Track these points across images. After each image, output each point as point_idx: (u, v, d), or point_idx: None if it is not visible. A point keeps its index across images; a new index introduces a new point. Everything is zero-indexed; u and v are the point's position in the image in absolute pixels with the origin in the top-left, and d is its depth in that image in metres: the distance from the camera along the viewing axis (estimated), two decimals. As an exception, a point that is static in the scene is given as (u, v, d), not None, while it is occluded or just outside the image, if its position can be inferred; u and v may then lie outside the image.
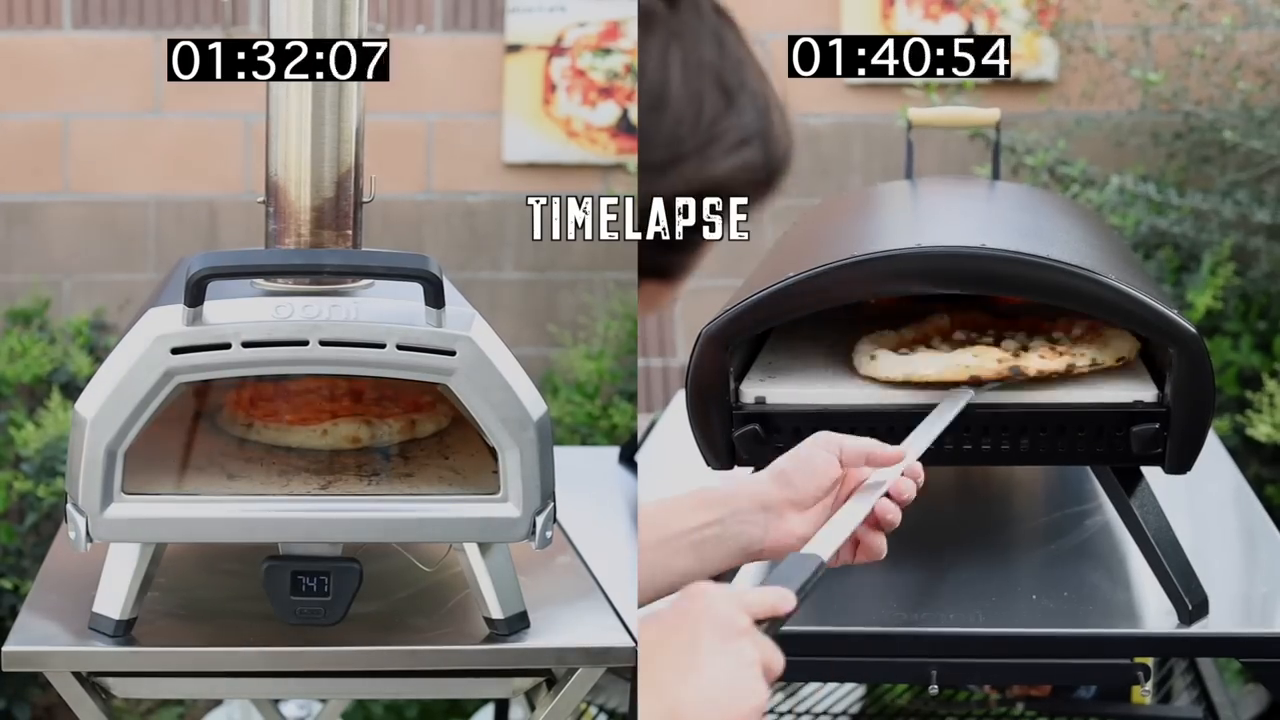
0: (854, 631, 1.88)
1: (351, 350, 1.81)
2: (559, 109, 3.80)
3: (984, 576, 2.00)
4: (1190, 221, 3.40)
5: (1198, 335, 1.80)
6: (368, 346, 1.81)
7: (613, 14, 3.79)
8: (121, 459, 1.79)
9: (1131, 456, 1.84)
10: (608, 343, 3.74)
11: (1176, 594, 1.86)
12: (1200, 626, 1.86)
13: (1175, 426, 1.82)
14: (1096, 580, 1.98)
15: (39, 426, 3.45)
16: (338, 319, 1.81)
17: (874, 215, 2.30)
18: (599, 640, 1.92)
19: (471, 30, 3.80)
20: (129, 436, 1.79)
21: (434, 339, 1.82)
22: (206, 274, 1.80)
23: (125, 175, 3.75)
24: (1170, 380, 1.82)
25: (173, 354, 1.79)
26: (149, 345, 1.79)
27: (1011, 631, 1.86)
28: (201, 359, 1.80)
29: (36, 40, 3.71)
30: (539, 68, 3.80)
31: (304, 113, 1.92)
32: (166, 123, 3.74)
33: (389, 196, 3.50)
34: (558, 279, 3.89)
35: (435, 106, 3.81)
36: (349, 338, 1.81)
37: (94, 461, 1.78)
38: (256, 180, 1.92)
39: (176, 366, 1.79)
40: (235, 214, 3.76)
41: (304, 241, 1.95)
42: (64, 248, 3.76)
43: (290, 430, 2.00)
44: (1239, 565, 2.14)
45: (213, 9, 3.68)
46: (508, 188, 3.83)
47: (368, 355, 1.82)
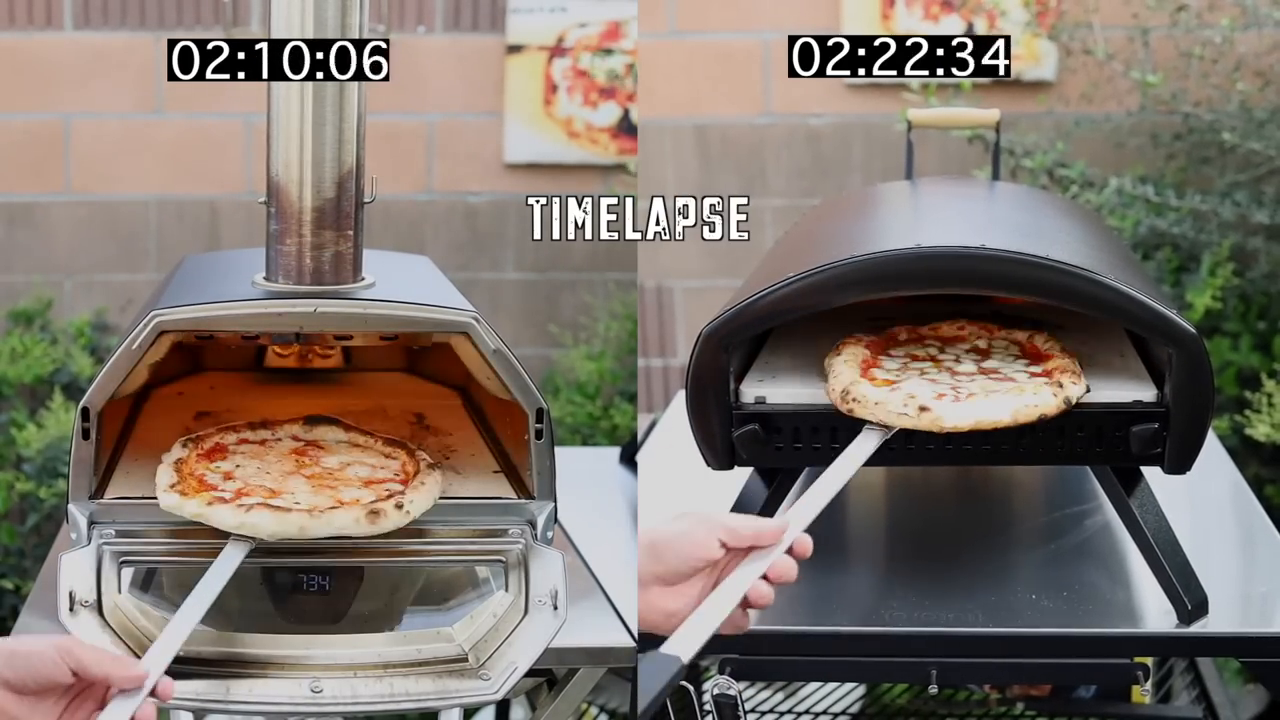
0: (854, 631, 1.88)
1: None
2: (560, 109, 3.81)
3: (984, 576, 2.00)
4: (1189, 222, 3.40)
5: (1197, 335, 1.80)
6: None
7: (614, 14, 3.80)
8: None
9: (1131, 456, 1.84)
10: (608, 343, 3.75)
11: (1176, 594, 1.86)
12: (1199, 626, 1.86)
13: (1175, 426, 1.82)
14: (1096, 580, 1.98)
15: (40, 427, 3.45)
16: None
17: (874, 215, 2.30)
18: (599, 640, 1.92)
19: (472, 31, 3.81)
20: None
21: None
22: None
23: (126, 175, 3.75)
24: (1169, 380, 1.82)
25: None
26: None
27: (1011, 631, 1.86)
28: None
29: (37, 41, 3.71)
30: (540, 68, 3.80)
31: (305, 113, 1.92)
32: (167, 123, 3.75)
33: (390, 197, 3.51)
34: (558, 279, 3.89)
35: (436, 107, 3.81)
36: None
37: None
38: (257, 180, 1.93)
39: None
40: (236, 214, 3.77)
41: (305, 242, 1.95)
42: (65, 248, 3.76)
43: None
44: (1238, 565, 2.14)
45: (214, 9, 3.68)
46: (508, 188, 3.84)
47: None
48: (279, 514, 1.79)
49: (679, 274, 3.94)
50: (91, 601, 1.82)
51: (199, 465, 1.94)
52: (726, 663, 1.87)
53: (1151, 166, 3.63)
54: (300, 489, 1.90)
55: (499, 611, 1.87)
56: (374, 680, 1.81)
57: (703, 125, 3.88)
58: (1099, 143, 3.66)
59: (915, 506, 2.30)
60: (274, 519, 1.79)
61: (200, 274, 2.21)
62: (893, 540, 2.25)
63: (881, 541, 2.25)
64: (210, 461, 1.96)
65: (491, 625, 1.87)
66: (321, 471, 1.97)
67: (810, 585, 1.95)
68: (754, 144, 3.89)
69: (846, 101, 3.83)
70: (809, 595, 1.94)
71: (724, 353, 1.86)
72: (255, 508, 1.79)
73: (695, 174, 3.89)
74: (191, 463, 1.94)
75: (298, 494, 1.89)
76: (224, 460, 1.98)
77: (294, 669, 1.83)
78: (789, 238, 2.31)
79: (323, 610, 1.87)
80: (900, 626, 1.87)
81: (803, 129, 3.87)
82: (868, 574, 2.08)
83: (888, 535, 2.27)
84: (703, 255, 3.92)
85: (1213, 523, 2.26)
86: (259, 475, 1.94)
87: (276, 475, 1.94)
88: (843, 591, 1.97)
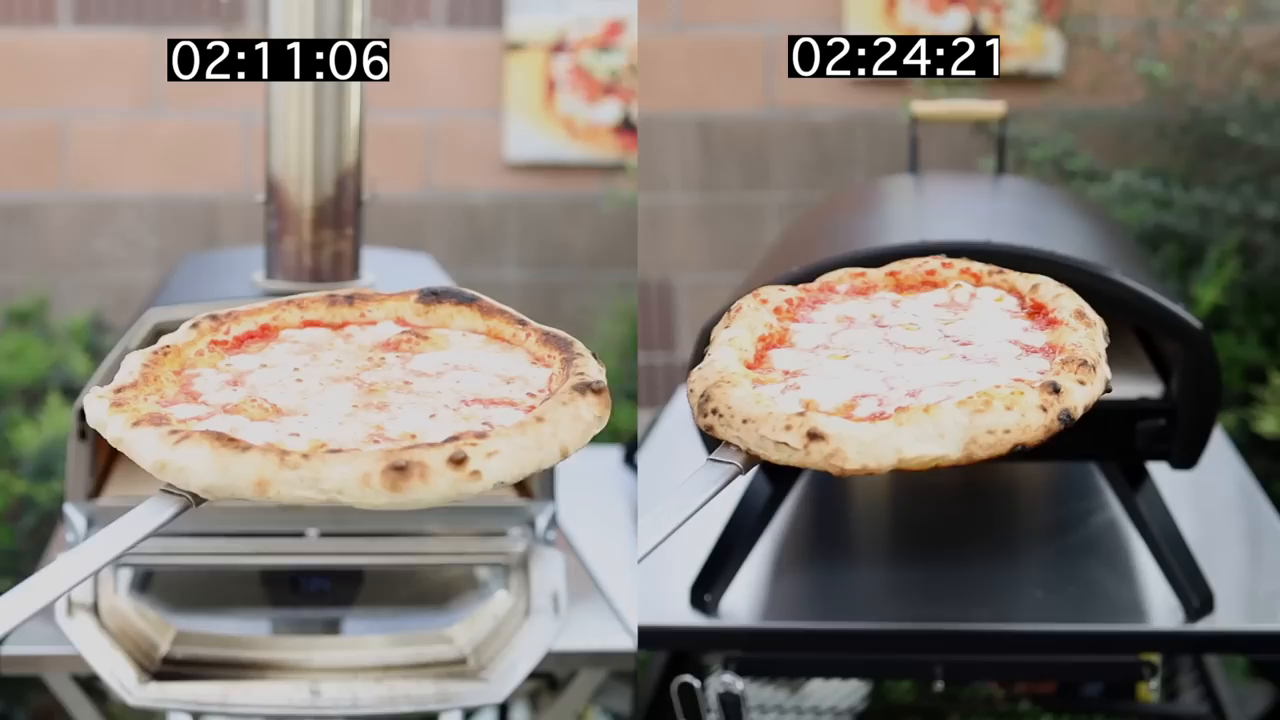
0: (859, 628, 1.87)
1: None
2: (560, 108, 3.79)
3: (989, 573, 1.99)
4: (1196, 216, 3.38)
5: (1203, 330, 1.78)
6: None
7: (614, 12, 3.78)
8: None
9: (1137, 452, 1.83)
10: (609, 343, 3.73)
11: (1182, 590, 1.85)
12: (1206, 623, 1.85)
13: (1181, 422, 1.81)
14: (1102, 577, 1.97)
15: (37, 427, 3.44)
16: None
17: (877, 210, 2.29)
18: (600, 643, 1.91)
19: (472, 27, 3.79)
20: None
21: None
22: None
23: (124, 173, 3.74)
24: (1176, 375, 1.81)
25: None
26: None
27: (1017, 628, 1.86)
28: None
29: (34, 37, 3.69)
30: (540, 66, 3.78)
31: (304, 111, 1.91)
32: (165, 121, 3.73)
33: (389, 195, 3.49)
34: (559, 279, 3.87)
35: (436, 104, 3.79)
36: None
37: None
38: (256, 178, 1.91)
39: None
40: (234, 213, 3.75)
41: (304, 241, 1.94)
42: (62, 247, 3.75)
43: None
44: (1245, 561, 2.13)
45: (211, 4, 3.67)
46: (509, 187, 3.82)
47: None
48: (227, 452, 1.09)
49: (682, 268, 3.92)
50: (89, 604, 1.81)
51: (200, 359, 1.28)
52: (731, 659, 1.86)
53: (1158, 159, 3.61)
54: (333, 413, 1.19)
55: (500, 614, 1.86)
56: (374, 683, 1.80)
57: (706, 119, 3.87)
58: (1105, 135, 3.64)
59: (920, 502, 2.29)
60: (215, 461, 1.09)
61: (199, 273, 2.20)
62: (898, 536, 2.23)
63: (886, 538, 2.24)
64: (226, 352, 1.30)
65: (492, 628, 1.85)
66: (397, 380, 1.24)
67: (815, 582, 1.94)
68: (757, 138, 3.87)
69: (850, 95, 3.82)
70: (814, 592, 1.93)
71: (725, 349, 1.84)
72: (193, 437, 1.10)
73: (698, 168, 3.88)
74: (187, 352, 1.28)
75: (318, 422, 1.17)
76: (250, 352, 1.30)
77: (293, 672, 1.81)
78: (792, 232, 2.30)
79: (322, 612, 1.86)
80: (906, 623, 1.87)
81: (806, 123, 3.85)
82: (873, 570, 2.07)
83: (892, 531, 2.25)
84: (706, 250, 3.90)
85: (1219, 519, 2.24)
86: (286, 383, 1.24)
87: (316, 383, 1.23)
88: (848, 588, 1.96)
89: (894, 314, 1.35)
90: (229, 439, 1.09)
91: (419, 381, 1.23)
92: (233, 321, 1.30)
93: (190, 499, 1.10)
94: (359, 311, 1.33)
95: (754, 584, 1.96)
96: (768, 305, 1.35)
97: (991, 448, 1.15)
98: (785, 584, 1.97)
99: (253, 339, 1.30)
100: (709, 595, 1.88)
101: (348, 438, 1.13)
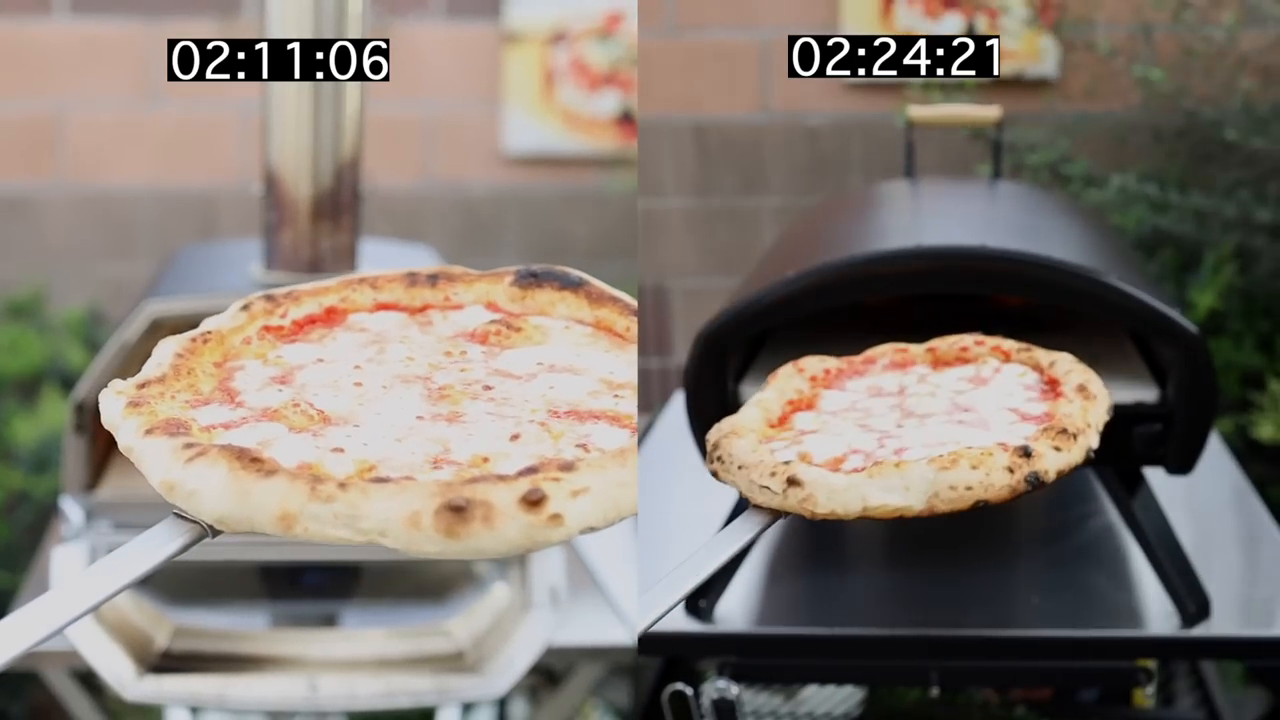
0: (854, 634, 1.87)
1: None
2: (559, 99, 3.78)
3: (985, 579, 1.99)
4: (1192, 221, 3.39)
5: (1200, 335, 1.78)
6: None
7: (613, 3, 3.78)
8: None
9: (1133, 457, 1.83)
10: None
11: (1178, 596, 1.85)
12: (1202, 629, 1.85)
13: (1177, 427, 1.81)
14: (1098, 582, 1.97)
15: (33, 420, 3.43)
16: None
17: (873, 215, 2.28)
18: (598, 637, 1.91)
19: (470, 18, 3.78)
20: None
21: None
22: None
23: (120, 165, 3.73)
24: (1172, 381, 1.81)
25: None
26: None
27: (1013, 634, 1.85)
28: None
29: (30, 27, 3.68)
30: (539, 57, 3.78)
31: (302, 103, 1.91)
32: (162, 113, 3.72)
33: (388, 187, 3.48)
34: (556, 274, 3.87)
35: (434, 96, 3.79)
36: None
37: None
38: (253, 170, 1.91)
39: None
40: (232, 205, 3.74)
41: (302, 233, 1.94)
42: (58, 239, 3.74)
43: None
44: (1241, 567, 2.13)
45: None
46: (507, 179, 3.82)
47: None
48: (248, 476, 0.89)
49: (677, 272, 3.92)
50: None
51: (247, 347, 1.07)
52: (726, 665, 1.86)
53: (1154, 164, 3.61)
54: (392, 424, 0.98)
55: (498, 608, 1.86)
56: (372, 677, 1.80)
57: (701, 123, 3.86)
58: (1101, 140, 3.64)
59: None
60: (232, 486, 0.90)
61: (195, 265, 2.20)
62: (893, 542, 2.23)
63: (881, 544, 2.23)
64: (280, 340, 1.09)
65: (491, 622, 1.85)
66: (476, 384, 1.04)
67: (810, 587, 1.94)
68: (752, 142, 3.87)
69: (846, 100, 3.81)
70: (809, 597, 1.93)
71: (721, 354, 1.84)
72: (210, 454, 0.91)
73: (693, 172, 3.87)
74: (232, 340, 1.06)
75: (371, 435, 0.97)
76: (309, 340, 1.08)
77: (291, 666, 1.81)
78: (787, 237, 2.30)
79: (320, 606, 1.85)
80: (901, 629, 1.86)
81: (801, 127, 3.85)
82: (867, 576, 2.07)
83: (887, 537, 2.25)
84: (701, 254, 3.90)
85: (1215, 524, 2.25)
86: (342, 383, 1.03)
87: (379, 385, 1.03)
88: (842, 594, 1.95)
89: (918, 386, 1.48)
90: (253, 458, 0.89)
91: (502, 385, 1.02)
92: (291, 303, 1.07)
93: (204, 529, 0.91)
94: (442, 294, 1.14)
95: (749, 589, 1.95)
96: (804, 374, 1.51)
97: (953, 502, 1.26)
98: (780, 590, 1.97)
99: (314, 324, 1.09)
100: (704, 601, 1.87)
101: (404, 459, 0.92)
